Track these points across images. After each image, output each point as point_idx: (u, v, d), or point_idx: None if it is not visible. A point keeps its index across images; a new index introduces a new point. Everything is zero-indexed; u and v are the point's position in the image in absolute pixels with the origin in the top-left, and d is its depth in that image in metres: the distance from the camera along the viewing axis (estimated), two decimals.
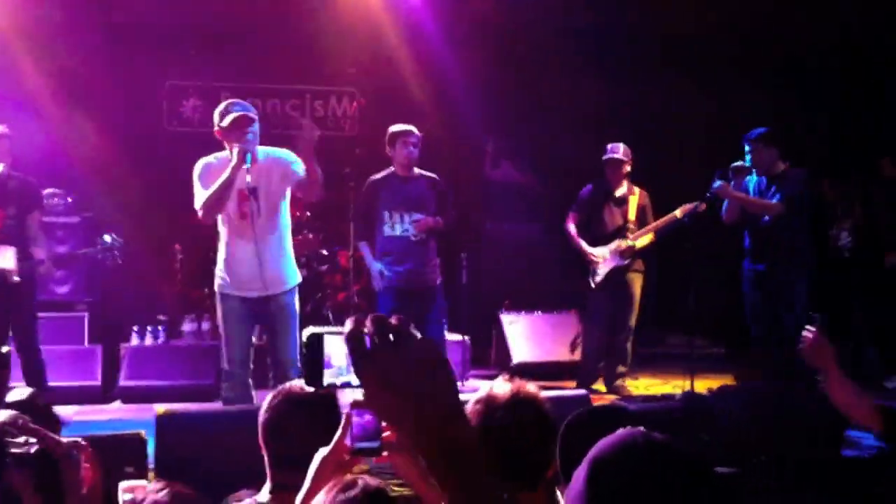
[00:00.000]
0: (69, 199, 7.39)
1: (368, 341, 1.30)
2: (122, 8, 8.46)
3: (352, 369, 1.37)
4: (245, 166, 4.94)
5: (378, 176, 6.40)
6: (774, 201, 6.47)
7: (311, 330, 1.55)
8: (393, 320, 1.31)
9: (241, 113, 5.03)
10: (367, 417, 2.11)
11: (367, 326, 1.31)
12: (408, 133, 6.29)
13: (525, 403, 2.51)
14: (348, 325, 1.33)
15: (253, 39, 8.88)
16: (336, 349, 1.63)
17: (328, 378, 1.58)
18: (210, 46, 8.89)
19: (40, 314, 6.17)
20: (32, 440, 1.99)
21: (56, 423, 2.39)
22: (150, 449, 4.10)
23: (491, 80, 8.97)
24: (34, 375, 5.89)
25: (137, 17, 8.52)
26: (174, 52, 8.93)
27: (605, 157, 7.10)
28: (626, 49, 8.80)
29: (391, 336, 1.30)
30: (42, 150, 7.49)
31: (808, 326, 3.11)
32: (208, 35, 8.85)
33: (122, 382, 6.81)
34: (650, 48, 8.75)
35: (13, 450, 1.96)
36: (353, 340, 1.31)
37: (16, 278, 5.68)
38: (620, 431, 1.39)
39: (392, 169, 6.37)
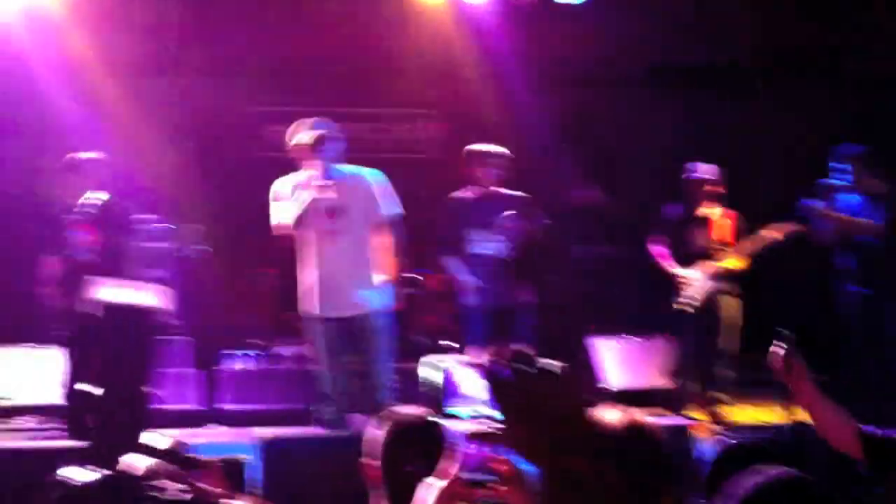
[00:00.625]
0: (166, 226, 7.53)
1: (508, 373, 1.29)
2: (207, 38, 8.65)
3: (486, 401, 1.37)
4: (326, 184, 4.99)
5: (461, 195, 6.43)
6: (876, 222, 6.31)
7: (436, 361, 1.55)
8: (529, 351, 1.31)
9: (321, 132, 5.10)
10: (479, 448, 2.11)
11: (505, 358, 1.30)
12: (490, 153, 6.32)
13: (639, 432, 2.49)
14: (485, 357, 1.33)
15: (335, 64, 9.00)
16: (467, 380, 1.62)
17: (458, 409, 1.57)
18: (293, 72, 9.05)
19: None
20: (185, 488, 2.00)
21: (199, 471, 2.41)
22: (252, 472, 4.16)
23: (565, 100, 8.98)
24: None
25: (223, 47, 8.71)
26: (258, 78, 9.11)
27: (686, 177, 6.99)
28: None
29: (530, 368, 1.29)
30: (134, 176, 7.67)
31: (777, 342, 2.88)
32: (292, 61, 9.01)
33: (220, 406, 6.93)
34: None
35: (167, 497, 1.97)
36: (492, 373, 1.30)
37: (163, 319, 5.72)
38: (773, 472, 1.36)
39: (475, 188, 6.40)
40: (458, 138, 8.05)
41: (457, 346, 7.94)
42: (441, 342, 7.97)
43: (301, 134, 5.19)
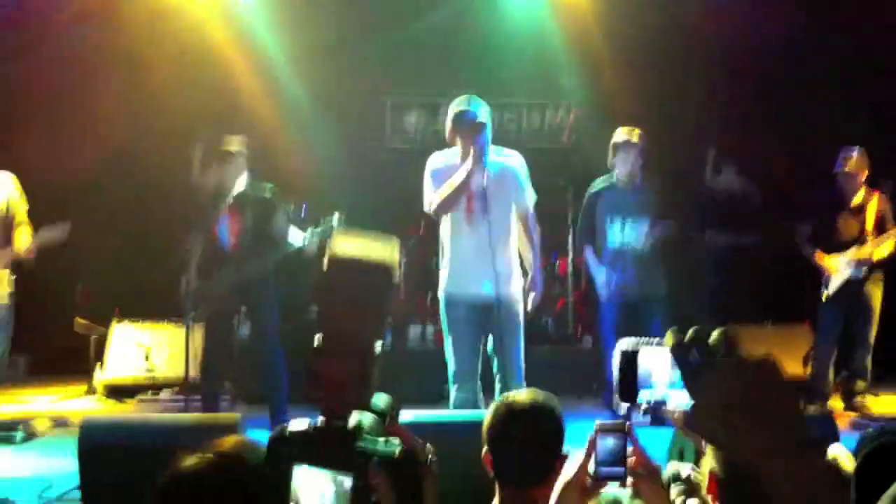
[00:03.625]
0: (304, 213, 7.69)
1: (697, 355, 1.20)
2: (344, 26, 8.78)
3: (674, 387, 1.26)
4: (482, 165, 5.00)
5: (599, 184, 6.39)
6: None
7: (625, 344, 1.48)
8: (719, 332, 1.21)
9: (480, 121, 5.06)
10: (612, 441, 2.07)
11: (694, 339, 1.20)
12: (629, 143, 6.25)
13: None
14: (670, 337, 1.23)
15: (470, 54, 9.03)
16: (656, 364, 1.55)
17: (647, 395, 1.52)
18: (429, 62, 9.12)
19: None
20: (396, 442, 2.04)
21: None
22: None
23: (708, 85, 8.74)
24: (270, 376, 6.17)
25: (359, 34, 8.84)
26: (395, 67, 9.22)
27: (837, 163, 6.74)
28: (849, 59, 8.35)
29: (723, 350, 1.19)
30: (271, 165, 7.86)
31: None
32: (427, 50, 9.08)
33: None
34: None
35: (378, 450, 2.01)
36: (681, 355, 1.21)
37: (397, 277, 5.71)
38: None
39: (613, 177, 6.34)
40: (595, 125, 7.99)
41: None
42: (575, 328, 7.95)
43: (454, 116, 5.18)
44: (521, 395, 2.59)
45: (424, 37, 8.94)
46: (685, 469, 2.57)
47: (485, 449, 2.53)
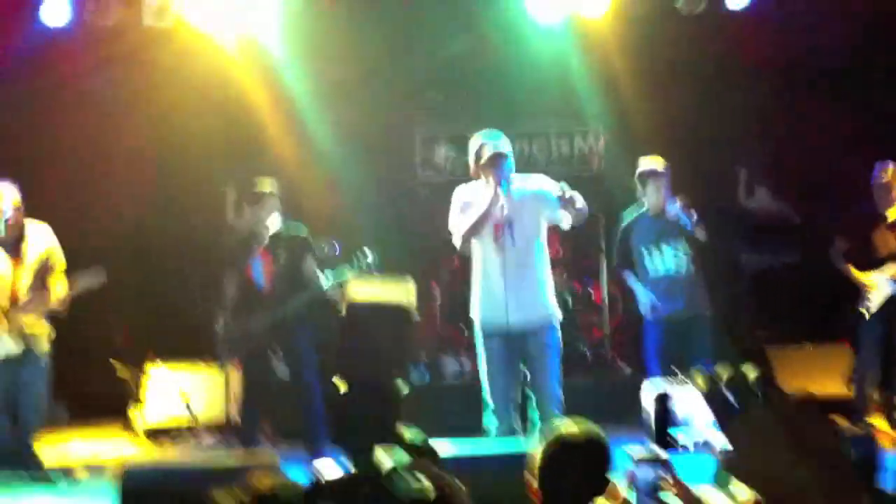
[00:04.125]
0: (338, 248, 7.72)
1: (732, 398, 1.21)
2: (370, 61, 8.83)
3: (714, 429, 1.28)
4: (501, 194, 5.07)
5: (630, 216, 6.40)
6: None
7: (656, 387, 1.51)
8: (752, 374, 1.22)
9: (497, 151, 5.16)
10: (649, 472, 2.06)
11: (726, 381, 1.21)
12: (655, 174, 6.26)
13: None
14: (701, 382, 1.25)
15: (497, 84, 9.05)
16: (694, 404, 1.57)
17: (690, 438, 1.54)
18: (457, 93, 9.16)
19: None
20: (427, 481, 2.05)
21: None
22: None
23: (737, 105, 8.69)
24: (308, 416, 6.17)
25: (385, 69, 8.89)
26: (423, 100, 9.26)
27: (875, 177, 6.68)
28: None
29: (757, 392, 1.20)
30: (301, 202, 7.90)
31: None
32: (455, 82, 9.12)
33: None
34: None
35: (410, 492, 2.03)
36: (715, 398, 1.22)
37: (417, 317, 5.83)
38: None
39: (643, 207, 6.35)
40: (625, 150, 7.97)
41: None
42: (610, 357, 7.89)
43: (475, 151, 5.24)
44: (573, 427, 2.58)
45: (451, 69, 8.97)
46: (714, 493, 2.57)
47: (534, 482, 2.51)
